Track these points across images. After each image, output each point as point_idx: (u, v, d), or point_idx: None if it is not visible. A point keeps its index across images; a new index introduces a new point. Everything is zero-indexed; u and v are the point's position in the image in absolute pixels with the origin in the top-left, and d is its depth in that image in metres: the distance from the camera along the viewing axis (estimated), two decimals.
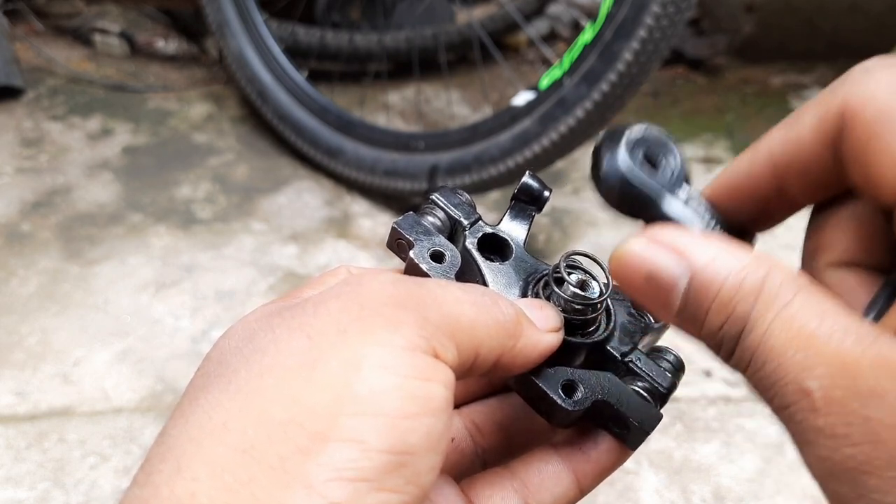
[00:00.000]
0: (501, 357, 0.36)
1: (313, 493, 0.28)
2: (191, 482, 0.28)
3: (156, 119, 1.88)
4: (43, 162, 1.73)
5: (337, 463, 0.28)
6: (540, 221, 1.59)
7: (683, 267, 0.31)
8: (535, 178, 0.44)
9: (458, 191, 0.44)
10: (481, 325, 0.34)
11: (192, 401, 0.31)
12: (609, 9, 1.29)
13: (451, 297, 0.34)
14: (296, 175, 1.71)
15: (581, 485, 0.40)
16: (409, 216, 0.42)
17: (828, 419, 0.27)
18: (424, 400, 0.30)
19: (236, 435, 0.29)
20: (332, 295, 0.33)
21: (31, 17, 2.17)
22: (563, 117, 1.35)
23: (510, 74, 2.01)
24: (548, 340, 0.38)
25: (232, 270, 1.46)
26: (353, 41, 1.97)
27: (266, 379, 0.30)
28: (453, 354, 0.33)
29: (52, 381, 1.24)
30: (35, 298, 1.39)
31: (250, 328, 0.34)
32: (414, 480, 0.30)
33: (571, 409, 0.38)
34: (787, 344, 0.28)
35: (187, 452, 0.29)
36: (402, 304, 0.32)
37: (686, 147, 1.80)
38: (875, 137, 0.29)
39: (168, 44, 2.20)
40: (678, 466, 1.12)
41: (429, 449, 0.30)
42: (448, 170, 1.49)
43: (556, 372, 0.38)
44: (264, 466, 0.28)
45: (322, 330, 0.32)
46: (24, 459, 1.13)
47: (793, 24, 2.01)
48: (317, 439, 0.29)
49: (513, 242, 0.42)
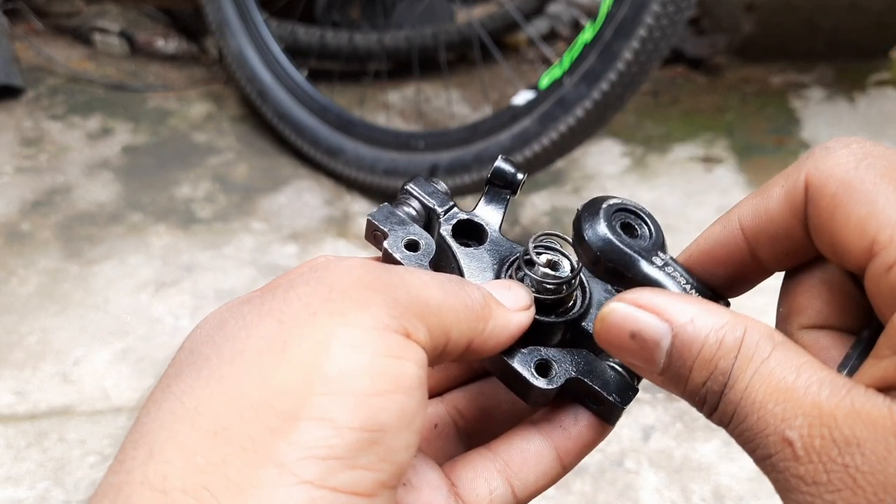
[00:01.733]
0: (472, 340, 0.36)
1: (285, 472, 0.28)
2: (163, 465, 0.28)
3: (156, 118, 1.88)
4: (43, 161, 1.73)
5: (308, 441, 0.28)
6: (540, 221, 1.59)
7: (665, 326, 0.32)
8: (508, 161, 0.45)
9: (433, 179, 0.44)
10: (449, 308, 0.35)
11: (164, 389, 0.32)
12: (609, 8, 1.29)
13: (419, 281, 0.35)
14: (296, 174, 1.71)
15: (563, 461, 0.41)
16: (384, 207, 0.42)
17: (808, 467, 0.29)
18: (396, 378, 0.31)
19: (207, 418, 0.29)
20: (302, 280, 0.34)
21: (30, 16, 2.17)
22: (563, 116, 1.35)
23: (510, 74, 2.01)
24: (518, 320, 0.38)
25: (232, 270, 1.46)
26: (353, 40, 1.97)
27: (236, 363, 0.31)
28: (424, 335, 0.33)
29: (52, 381, 1.24)
30: (35, 298, 1.39)
31: (221, 317, 0.34)
32: (388, 458, 0.30)
33: (545, 387, 0.38)
34: (767, 397, 0.30)
35: (159, 438, 0.29)
36: (371, 285, 0.33)
37: (686, 146, 1.80)
38: (838, 208, 0.31)
39: (168, 43, 2.20)
40: (678, 465, 1.12)
41: (402, 426, 0.30)
42: (448, 169, 1.49)
43: (531, 352, 0.39)
44: (236, 447, 0.28)
45: (291, 314, 0.32)
46: (24, 459, 1.13)
47: (793, 24, 2.01)
48: (287, 419, 0.29)
49: (488, 227, 0.43)
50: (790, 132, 1.83)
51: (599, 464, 1.12)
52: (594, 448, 0.41)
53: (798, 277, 0.36)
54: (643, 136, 1.84)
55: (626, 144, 1.80)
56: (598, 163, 1.73)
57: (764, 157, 1.76)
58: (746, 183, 1.68)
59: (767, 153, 1.77)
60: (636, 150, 1.78)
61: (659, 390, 1.22)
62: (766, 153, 1.77)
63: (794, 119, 1.88)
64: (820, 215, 0.32)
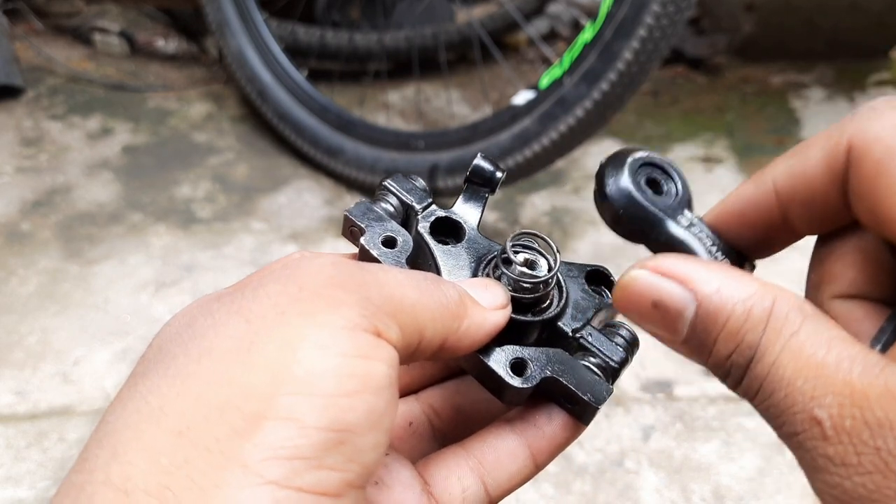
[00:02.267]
0: (447, 339, 0.36)
1: (249, 473, 0.28)
2: (126, 465, 0.28)
3: (156, 118, 1.88)
4: (43, 161, 1.73)
5: (273, 442, 0.28)
6: (540, 221, 1.59)
7: (689, 295, 0.31)
8: (487, 160, 0.45)
9: (412, 176, 0.44)
10: (423, 306, 0.34)
11: (130, 387, 0.31)
12: (609, 8, 1.29)
13: (393, 279, 0.34)
14: (296, 174, 1.71)
15: (536, 460, 0.40)
16: (362, 203, 0.42)
17: (838, 448, 0.28)
18: (364, 378, 0.30)
19: (172, 418, 0.29)
20: (272, 279, 0.33)
21: (30, 16, 2.17)
22: (563, 116, 1.35)
23: (510, 74, 2.01)
24: (493, 319, 0.38)
25: (232, 270, 1.46)
26: (353, 40, 1.97)
27: (203, 362, 0.30)
28: (396, 334, 0.33)
29: (52, 381, 1.24)
30: (35, 298, 1.39)
31: (191, 314, 0.34)
32: (355, 458, 0.30)
33: (520, 386, 0.38)
34: (795, 373, 0.29)
35: (123, 437, 0.29)
36: (343, 284, 0.32)
37: (686, 146, 1.80)
38: (883, 175, 0.30)
39: (168, 43, 2.20)
40: (678, 465, 1.12)
41: (370, 427, 0.30)
42: (448, 169, 1.49)
43: (506, 351, 0.39)
44: (200, 448, 0.28)
45: (260, 313, 0.32)
46: (25, 459, 1.13)
47: (793, 24, 2.01)
48: (253, 419, 0.28)
49: (466, 224, 0.43)
50: (790, 132, 1.83)
51: (599, 464, 1.12)
52: (567, 447, 0.41)
53: (832, 244, 0.35)
54: (643, 136, 1.84)
55: (626, 144, 1.80)
56: (598, 163, 1.73)
57: (764, 157, 1.76)
58: None
59: (767, 153, 1.77)
60: None
61: (659, 390, 1.23)
62: (767, 153, 1.77)
63: (794, 119, 1.88)
64: (862, 180, 0.31)
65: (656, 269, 0.32)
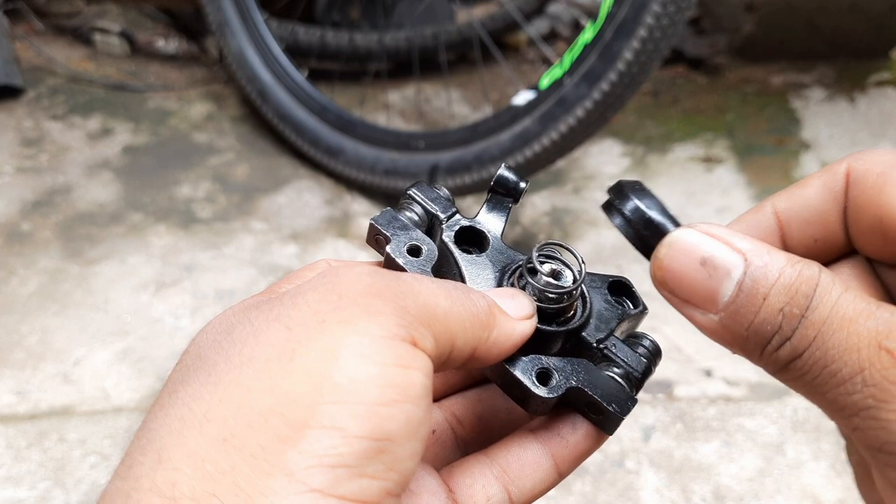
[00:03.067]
0: (477, 348, 0.36)
1: (294, 480, 0.28)
2: (172, 472, 0.28)
3: (156, 119, 1.88)
4: (43, 161, 1.73)
5: (317, 450, 0.28)
6: (540, 221, 1.59)
7: (738, 257, 0.32)
8: (510, 170, 0.45)
9: (436, 185, 0.44)
10: (455, 316, 0.35)
11: (171, 394, 0.31)
12: (609, 8, 1.29)
13: (426, 289, 0.35)
14: (296, 174, 1.71)
15: (559, 469, 0.41)
16: (387, 212, 0.42)
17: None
18: (403, 387, 0.31)
19: (217, 425, 0.29)
20: (310, 287, 0.34)
21: (31, 16, 2.17)
22: (564, 116, 1.35)
23: (510, 74, 2.01)
24: (522, 328, 0.38)
25: (232, 270, 1.46)
26: (353, 41, 1.97)
27: (245, 370, 0.31)
28: (431, 343, 0.33)
29: (53, 381, 1.24)
30: (35, 298, 1.39)
31: (228, 322, 0.34)
32: (395, 467, 0.30)
33: (545, 396, 0.38)
34: (857, 314, 0.31)
35: (168, 444, 0.29)
36: (380, 293, 0.33)
37: (686, 146, 1.80)
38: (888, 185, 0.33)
39: (168, 43, 2.20)
40: (678, 466, 1.12)
41: (409, 436, 0.30)
42: (448, 169, 1.49)
43: (532, 360, 0.39)
44: (245, 455, 0.28)
45: (301, 321, 0.32)
46: (25, 459, 1.13)
47: (793, 24, 2.01)
48: (297, 427, 0.29)
49: (489, 234, 0.43)
50: (790, 132, 1.83)
51: (600, 464, 1.12)
52: (589, 456, 0.42)
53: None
54: (643, 136, 1.84)
55: (626, 144, 1.80)
56: (598, 163, 1.73)
57: (764, 158, 1.76)
58: (747, 183, 1.68)
59: (768, 153, 1.77)
60: (636, 151, 1.78)
61: (660, 390, 1.22)
62: (767, 153, 1.77)
63: (794, 119, 1.88)
64: (866, 192, 0.33)
65: (706, 231, 0.33)
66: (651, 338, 0.43)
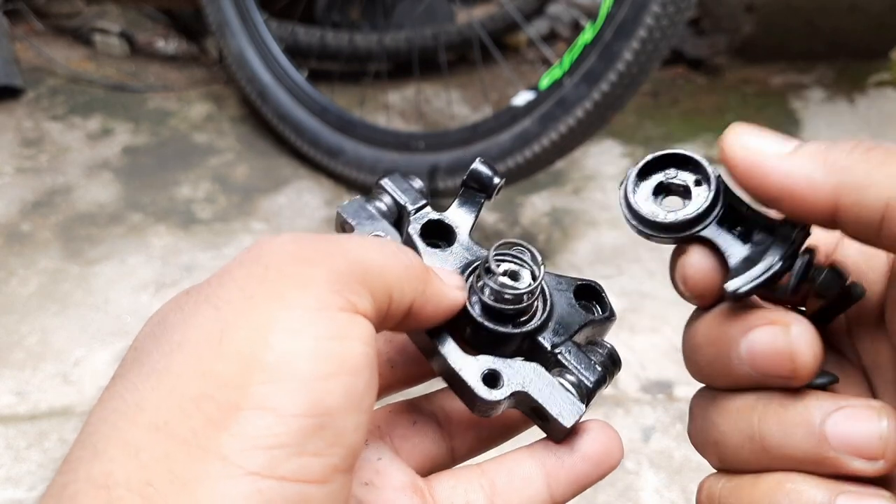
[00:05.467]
0: (414, 301, 0.35)
1: (229, 464, 0.27)
2: (107, 463, 0.28)
3: (156, 119, 1.88)
4: (43, 162, 1.73)
5: (251, 431, 0.28)
6: (540, 221, 1.59)
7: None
8: (485, 164, 0.44)
9: (410, 176, 0.44)
10: (390, 268, 0.34)
11: (110, 388, 0.31)
12: (609, 9, 1.29)
13: (356, 245, 0.34)
14: (296, 175, 1.71)
15: (552, 490, 0.40)
16: (355, 201, 0.42)
17: None
18: (340, 359, 0.30)
19: (149, 413, 0.29)
20: (236, 263, 0.33)
21: (31, 16, 2.17)
22: (563, 117, 1.35)
23: (510, 74, 2.01)
24: (454, 294, 0.38)
25: None
26: (353, 41, 1.97)
27: (175, 356, 0.30)
28: (368, 301, 0.33)
29: (52, 381, 1.24)
30: (35, 298, 1.39)
31: (163, 312, 0.34)
32: (337, 441, 0.29)
33: (488, 398, 0.37)
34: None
35: (103, 435, 0.29)
36: (308, 259, 0.32)
37: (686, 147, 1.79)
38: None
39: (168, 44, 2.20)
40: (678, 466, 1.12)
41: (350, 409, 0.30)
42: (448, 169, 1.49)
43: (481, 361, 0.38)
44: (178, 441, 0.28)
45: (227, 298, 0.31)
46: (25, 459, 1.13)
47: (793, 24, 2.01)
48: (228, 410, 0.28)
49: (457, 229, 0.42)
50: (790, 133, 1.82)
51: None
52: (591, 484, 0.40)
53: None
54: (643, 136, 1.84)
55: (626, 145, 1.80)
56: (598, 163, 1.73)
57: None
58: None
59: None
60: (636, 151, 1.78)
61: (659, 391, 1.22)
62: None
63: (794, 120, 1.88)
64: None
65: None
66: (610, 346, 0.42)
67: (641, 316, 1.34)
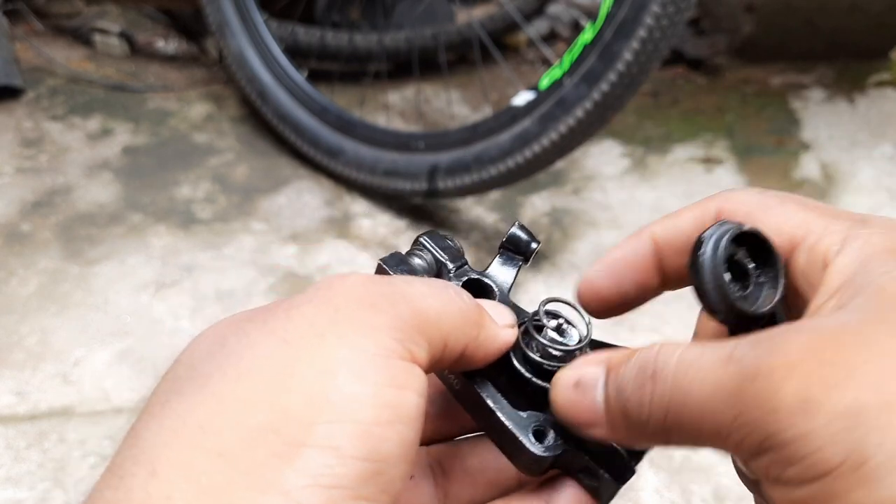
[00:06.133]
0: (467, 346, 0.36)
1: (289, 499, 0.28)
2: (166, 485, 0.28)
3: (156, 119, 1.88)
4: (43, 162, 1.73)
5: (313, 469, 0.28)
6: (540, 221, 1.59)
7: (600, 367, 0.35)
8: (523, 229, 0.45)
9: (447, 235, 0.44)
10: (447, 316, 0.35)
11: (163, 404, 0.31)
12: (609, 9, 1.29)
13: (417, 291, 0.35)
14: (296, 175, 1.71)
15: None
16: (396, 254, 0.42)
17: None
18: (397, 408, 0.31)
19: (212, 438, 0.29)
20: (305, 299, 0.33)
21: (30, 16, 2.17)
22: (563, 117, 1.35)
23: (510, 74, 2.01)
24: (506, 334, 0.39)
25: (232, 270, 1.46)
26: (353, 41, 1.97)
27: (242, 383, 0.30)
28: (425, 350, 0.33)
29: (52, 381, 1.24)
30: (35, 298, 1.39)
31: (221, 333, 0.33)
32: (387, 489, 0.30)
33: (540, 454, 0.37)
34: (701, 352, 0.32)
35: (162, 456, 0.29)
36: (375, 304, 0.33)
37: (686, 147, 1.80)
38: (755, 221, 0.36)
39: (168, 44, 2.20)
40: (678, 466, 1.12)
41: (401, 457, 0.30)
42: (448, 170, 1.49)
43: (529, 416, 0.38)
44: (241, 471, 0.28)
45: (297, 333, 0.31)
46: (24, 459, 1.13)
47: (793, 24, 2.01)
48: (293, 445, 0.28)
49: (496, 288, 0.43)
50: (790, 133, 1.83)
51: None
52: None
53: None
54: (643, 136, 1.84)
55: (626, 145, 1.80)
56: (598, 163, 1.73)
57: (764, 158, 1.76)
58: (746, 184, 1.68)
59: (767, 154, 1.77)
60: (636, 151, 1.78)
61: None
62: (767, 154, 1.77)
63: (794, 120, 1.88)
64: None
65: (576, 364, 0.37)
66: None
67: (641, 315, 1.34)
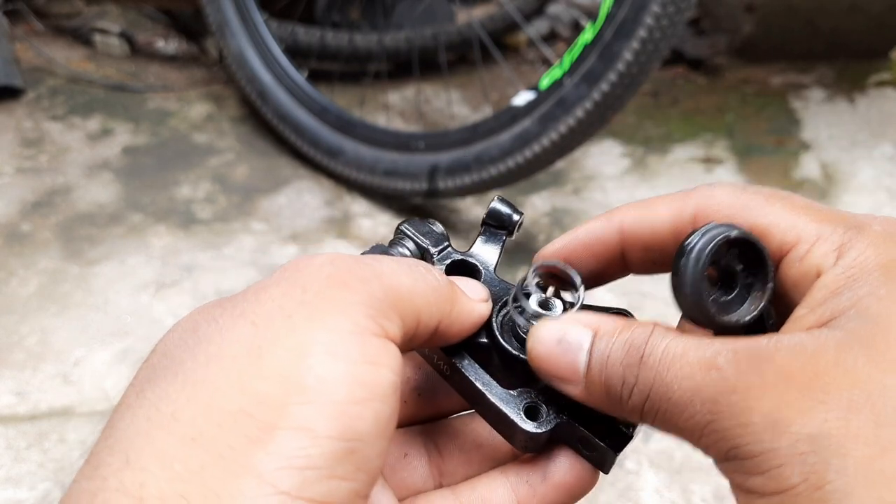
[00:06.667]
0: (441, 322, 0.36)
1: (263, 482, 0.28)
2: (140, 472, 0.28)
3: (156, 119, 1.88)
4: (43, 162, 1.73)
5: (286, 451, 0.28)
6: (540, 221, 1.59)
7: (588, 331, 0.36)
8: (504, 202, 0.44)
9: (430, 220, 0.44)
10: (419, 291, 0.35)
11: (138, 393, 0.31)
12: (609, 9, 1.29)
13: (388, 268, 0.35)
14: (296, 175, 1.71)
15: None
16: (377, 247, 0.42)
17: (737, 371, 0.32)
18: (372, 385, 0.31)
19: (185, 425, 0.29)
20: (273, 282, 0.33)
21: (31, 17, 2.17)
22: (563, 117, 1.35)
23: (510, 74, 2.01)
24: (480, 309, 0.39)
25: (232, 270, 1.46)
26: (353, 41, 1.97)
27: (212, 368, 0.30)
28: (398, 326, 0.33)
29: (52, 381, 1.24)
30: (35, 298, 1.39)
31: (193, 320, 0.33)
32: (363, 467, 0.30)
33: (533, 431, 0.37)
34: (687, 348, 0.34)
35: (136, 444, 0.29)
36: (345, 283, 0.32)
37: (686, 147, 1.80)
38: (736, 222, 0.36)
39: (168, 44, 2.20)
40: (678, 466, 1.12)
41: (377, 435, 0.30)
42: (448, 170, 1.49)
43: (519, 394, 0.38)
44: (214, 455, 0.28)
45: (266, 315, 0.31)
46: (25, 459, 1.13)
47: (793, 24, 2.01)
48: (266, 428, 0.29)
49: (482, 267, 0.43)
50: (790, 133, 1.83)
51: None
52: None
53: None
54: (643, 136, 1.84)
55: (626, 145, 1.80)
56: (598, 163, 1.73)
57: (764, 158, 1.76)
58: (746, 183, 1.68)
59: (767, 154, 1.77)
60: (636, 151, 1.78)
61: None
62: (767, 154, 1.77)
63: (794, 120, 1.88)
64: None
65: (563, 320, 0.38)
66: None
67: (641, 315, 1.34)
